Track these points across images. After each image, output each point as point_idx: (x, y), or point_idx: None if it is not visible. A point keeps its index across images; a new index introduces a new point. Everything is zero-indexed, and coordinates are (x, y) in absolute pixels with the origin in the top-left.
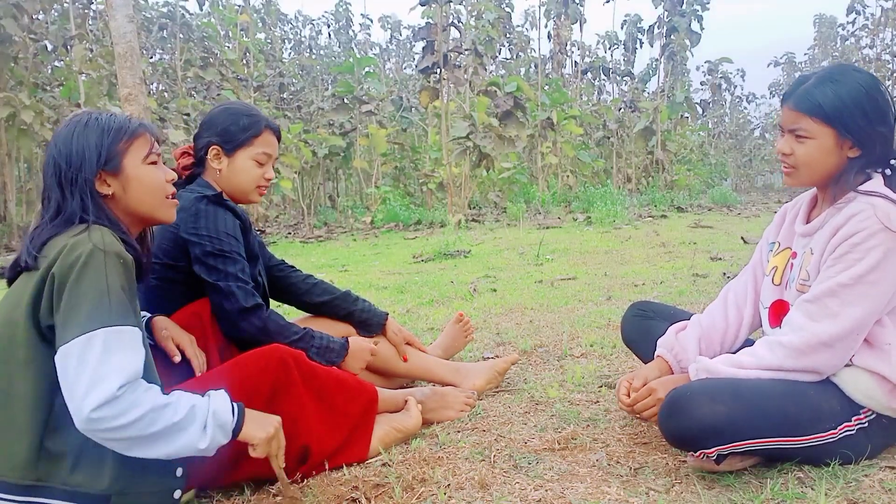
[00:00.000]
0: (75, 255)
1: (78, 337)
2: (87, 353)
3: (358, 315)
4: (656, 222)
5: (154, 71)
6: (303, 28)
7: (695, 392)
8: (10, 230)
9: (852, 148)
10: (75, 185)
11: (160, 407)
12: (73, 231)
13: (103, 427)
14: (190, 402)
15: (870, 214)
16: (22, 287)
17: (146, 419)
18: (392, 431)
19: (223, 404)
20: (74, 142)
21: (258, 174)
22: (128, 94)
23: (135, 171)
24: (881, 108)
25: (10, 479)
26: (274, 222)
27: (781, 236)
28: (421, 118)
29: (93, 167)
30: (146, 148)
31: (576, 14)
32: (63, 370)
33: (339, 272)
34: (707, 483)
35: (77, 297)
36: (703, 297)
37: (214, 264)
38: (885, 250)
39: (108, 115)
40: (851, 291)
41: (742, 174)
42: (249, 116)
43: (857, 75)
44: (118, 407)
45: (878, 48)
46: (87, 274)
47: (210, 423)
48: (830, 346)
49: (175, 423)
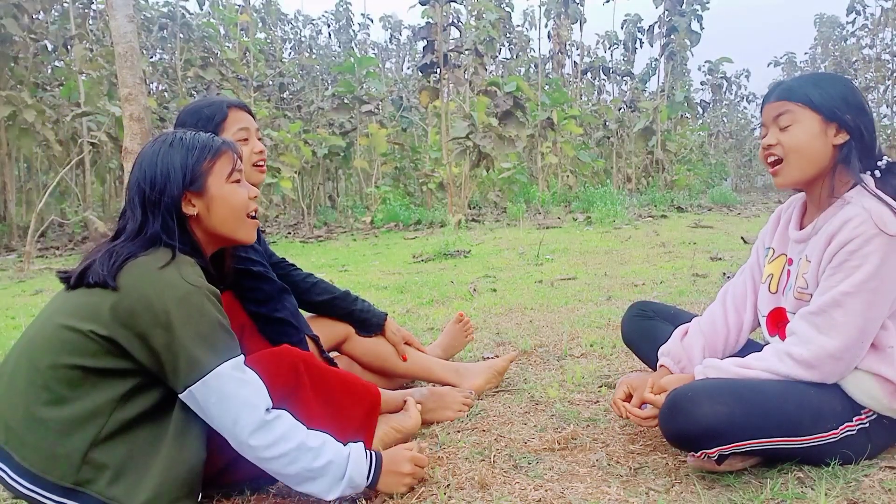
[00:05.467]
0: (175, 294)
1: (209, 374)
2: (224, 386)
3: (357, 315)
4: (656, 222)
5: (154, 71)
6: (303, 28)
7: (696, 392)
8: (10, 230)
9: (838, 133)
10: (159, 207)
11: (306, 449)
12: (156, 258)
13: (259, 456)
14: (330, 455)
15: (864, 219)
16: (96, 302)
17: (289, 457)
18: (391, 432)
19: (360, 465)
20: (160, 162)
21: (245, 152)
22: (128, 93)
23: (219, 190)
24: (860, 100)
25: (51, 478)
26: (274, 222)
27: (776, 242)
28: (421, 118)
29: (179, 187)
30: (230, 166)
31: (576, 14)
32: (204, 408)
33: (338, 272)
34: (707, 483)
35: (191, 338)
36: (703, 297)
37: (238, 253)
38: (882, 255)
39: (193, 135)
40: (855, 300)
41: (742, 174)
42: (210, 106)
43: (835, 75)
44: (271, 435)
45: (878, 48)
46: (194, 313)
47: (344, 483)
48: (840, 357)
49: (311, 469)
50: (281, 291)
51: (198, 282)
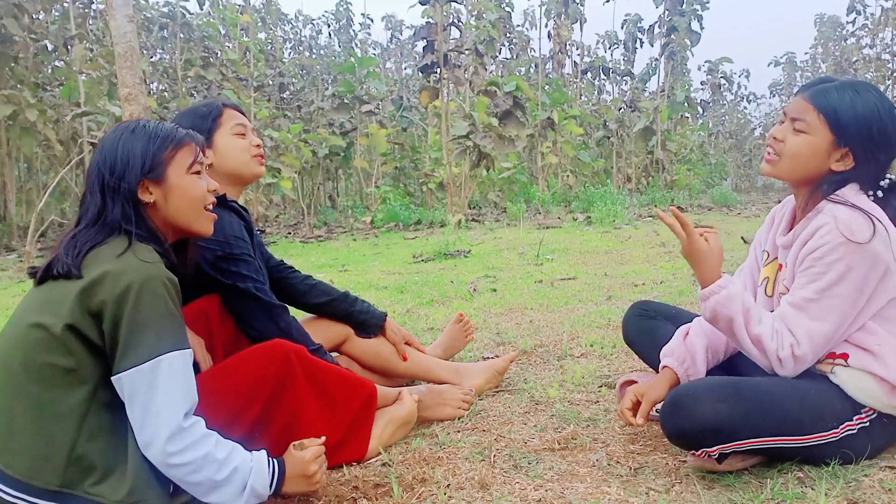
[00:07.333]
0: (128, 280)
1: (145, 362)
2: (157, 379)
3: (356, 316)
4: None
5: (154, 71)
6: (303, 28)
7: (697, 390)
8: (10, 230)
9: (842, 159)
10: (118, 193)
11: (212, 459)
12: (115, 245)
13: (166, 462)
14: (234, 465)
15: (831, 228)
16: (60, 294)
17: (195, 465)
18: (388, 424)
19: (261, 477)
20: (120, 148)
21: (244, 144)
22: (128, 93)
23: (179, 180)
24: (888, 136)
25: (37, 483)
26: (274, 222)
27: (769, 245)
28: (421, 118)
29: (136, 174)
30: (191, 157)
31: (576, 14)
32: (130, 397)
33: (338, 272)
34: (707, 483)
35: (138, 324)
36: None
37: (228, 267)
38: (847, 263)
39: (156, 124)
40: (817, 306)
41: (742, 174)
42: (205, 105)
43: (876, 95)
44: (184, 441)
45: (878, 48)
46: (145, 300)
47: (247, 492)
48: (803, 361)
49: (215, 479)
50: (270, 309)
51: (154, 268)
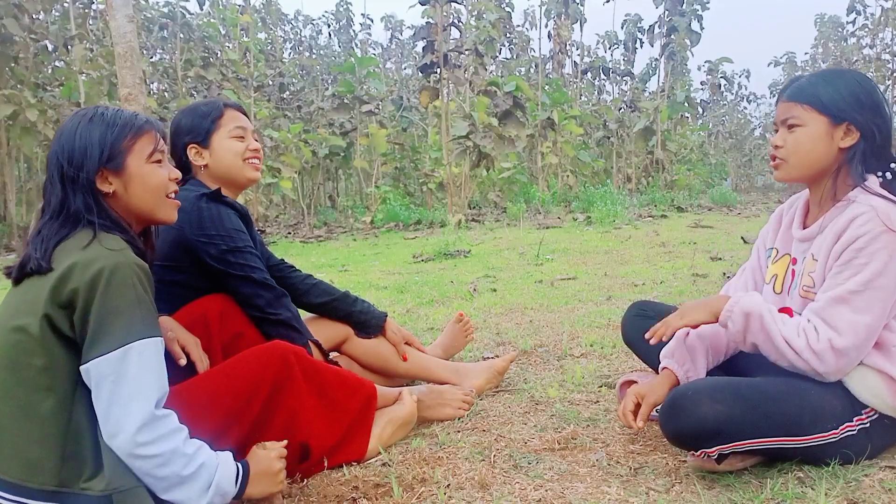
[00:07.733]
0: (96, 268)
1: (114, 350)
2: (124, 367)
3: (357, 316)
4: (656, 222)
5: (154, 71)
6: (303, 28)
7: (696, 391)
8: (10, 230)
9: (847, 135)
10: (77, 183)
11: (181, 454)
12: (80, 238)
13: (134, 453)
14: (201, 461)
15: (871, 217)
16: (34, 293)
17: (163, 458)
18: (388, 424)
19: (227, 474)
20: (77, 137)
21: (241, 147)
22: (128, 94)
23: (139, 169)
24: (875, 101)
25: (33, 485)
26: (274, 222)
27: (779, 242)
28: (421, 118)
29: (94, 164)
30: (151, 146)
31: (576, 14)
32: (98, 386)
33: (339, 272)
34: (707, 483)
35: (107, 312)
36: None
37: (236, 260)
38: (889, 252)
39: (115, 111)
40: (861, 297)
41: (742, 174)
42: (206, 105)
43: (851, 72)
44: (155, 432)
45: (878, 48)
46: (114, 287)
47: (212, 490)
48: (845, 354)
49: (181, 475)
50: (281, 297)
51: (122, 255)
